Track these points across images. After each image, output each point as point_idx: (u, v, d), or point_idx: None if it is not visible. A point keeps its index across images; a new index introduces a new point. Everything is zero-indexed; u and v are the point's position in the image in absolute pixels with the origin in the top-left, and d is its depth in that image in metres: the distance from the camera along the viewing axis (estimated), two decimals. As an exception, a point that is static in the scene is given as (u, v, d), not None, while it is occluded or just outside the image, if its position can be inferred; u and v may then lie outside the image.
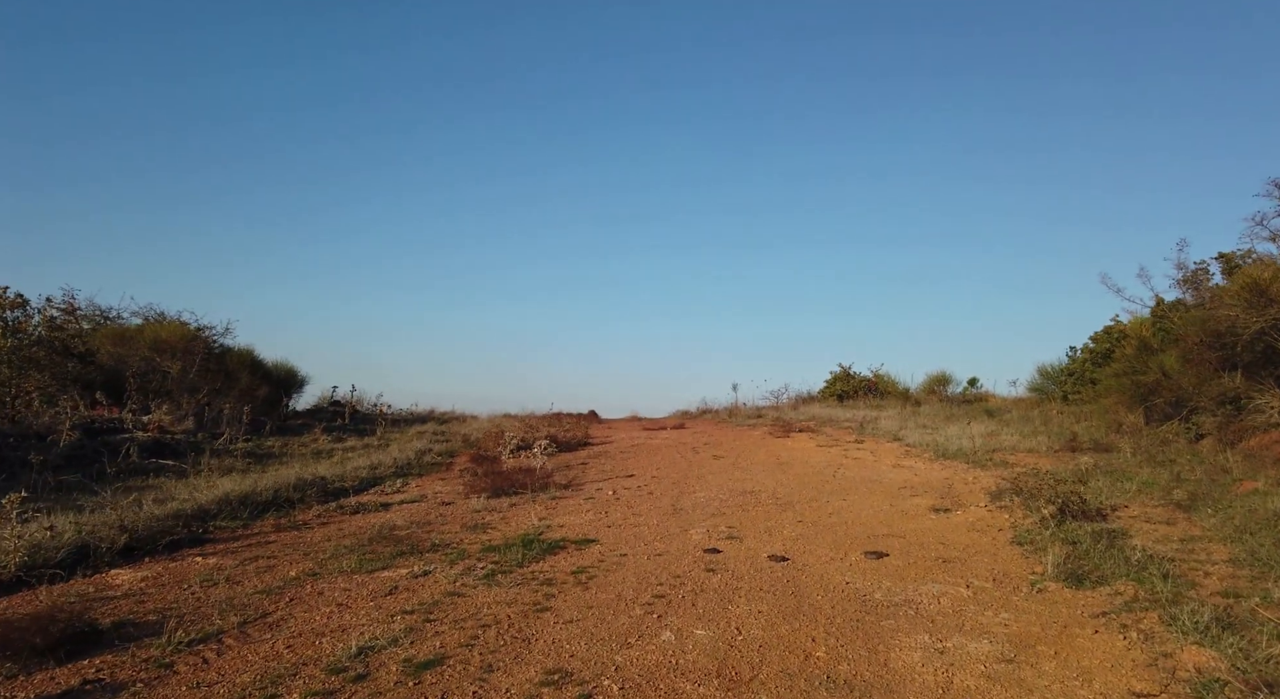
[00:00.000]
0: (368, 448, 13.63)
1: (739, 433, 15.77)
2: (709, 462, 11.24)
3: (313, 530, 6.96)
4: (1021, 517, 6.78)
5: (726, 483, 9.24)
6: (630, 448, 13.49)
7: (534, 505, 7.93)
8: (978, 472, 9.64)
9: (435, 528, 6.90)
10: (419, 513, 7.69)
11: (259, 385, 17.53)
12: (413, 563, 5.54)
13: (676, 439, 14.76)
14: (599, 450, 13.23)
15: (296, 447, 13.76)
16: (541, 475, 9.19)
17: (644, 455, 12.27)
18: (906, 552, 5.77)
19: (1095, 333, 17.96)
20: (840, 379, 23.38)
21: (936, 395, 20.35)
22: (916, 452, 11.88)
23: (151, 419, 12.78)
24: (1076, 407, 16.51)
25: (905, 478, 9.36)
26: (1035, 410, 17.07)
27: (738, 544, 6.03)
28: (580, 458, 12.22)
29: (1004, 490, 8.09)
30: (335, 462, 11.58)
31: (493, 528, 6.83)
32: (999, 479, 8.94)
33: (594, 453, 12.86)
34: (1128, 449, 10.48)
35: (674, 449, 13.05)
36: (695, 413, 23.19)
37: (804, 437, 14.45)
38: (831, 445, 12.97)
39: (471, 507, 7.85)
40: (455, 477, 10.24)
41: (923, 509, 7.42)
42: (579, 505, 7.91)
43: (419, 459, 11.80)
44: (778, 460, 11.23)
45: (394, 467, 10.93)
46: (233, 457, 11.57)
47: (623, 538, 6.32)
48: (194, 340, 15.63)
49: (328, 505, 8.05)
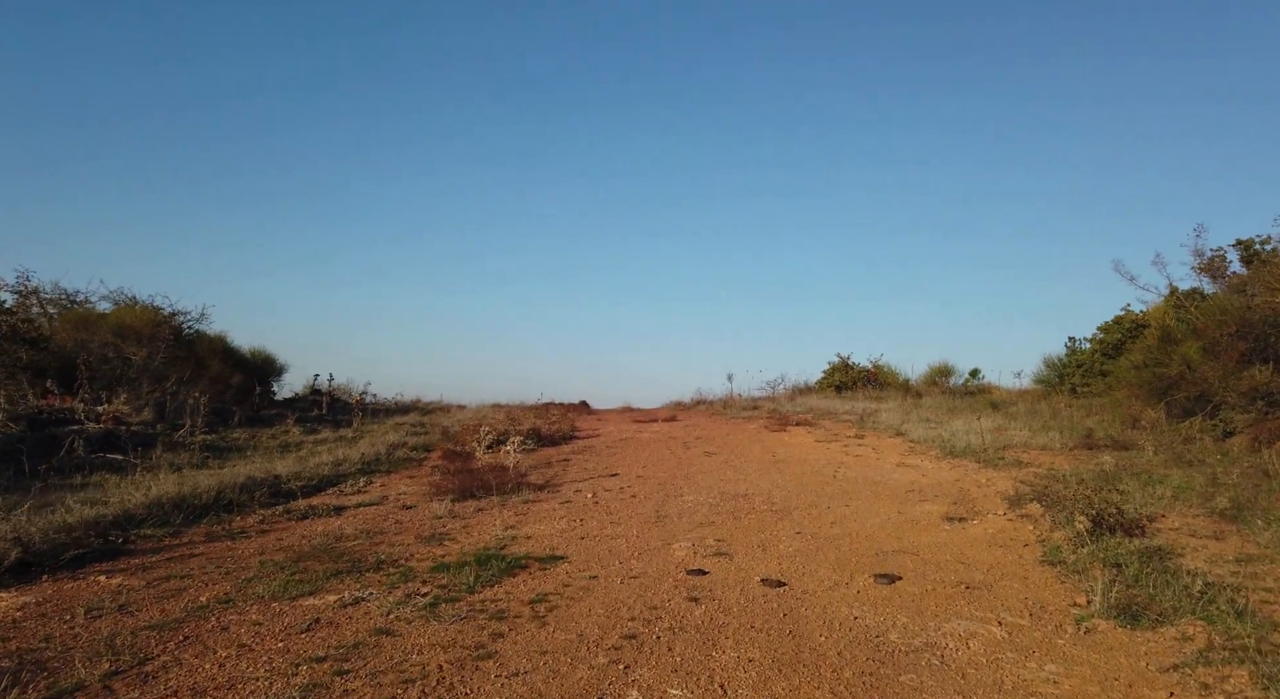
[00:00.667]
0: (340, 441, 12.80)
1: (733, 426, 14.95)
2: (700, 459, 10.42)
3: (249, 540, 6.12)
4: (1048, 529, 5.96)
5: (717, 484, 8.42)
6: (618, 442, 12.67)
7: (503, 511, 7.10)
8: (990, 472, 8.83)
9: (386, 539, 6.06)
10: (373, 519, 6.86)
11: (231, 373, 16.68)
12: (347, 586, 4.71)
13: (667, 433, 13.94)
14: (584, 445, 12.41)
15: (264, 439, 12.93)
16: (515, 475, 8.36)
17: (631, 451, 11.45)
18: (922, 573, 4.95)
19: (1104, 323, 17.15)
20: (838, 370, 22.56)
21: (938, 387, 19.55)
22: (921, 448, 11.07)
23: (106, 410, 11.93)
24: (1086, 399, 15.72)
25: (912, 479, 8.55)
26: (1042, 403, 16.29)
27: (727, 563, 5.20)
28: (563, 453, 11.40)
29: (1023, 495, 7.29)
30: (300, 456, 10.75)
31: (451, 539, 6.00)
32: (1015, 481, 8.13)
33: (578, 448, 12.04)
34: (1149, 447, 9.68)
35: (663, 444, 12.23)
36: (689, 404, 22.38)
37: (801, 431, 13.64)
38: (831, 441, 12.16)
39: (433, 512, 7.02)
40: (425, 475, 9.41)
41: (935, 518, 6.61)
42: (552, 511, 7.08)
43: (390, 454, 10.97)
44: (773, 458, 10.41)
45: (360, 463, 10.10)
46: (190, 450, 10.73)
47: (596, 554, 5.49)
48: (160, 326, 14.73)
49: (275, 509, 7.21)
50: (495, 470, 8.74)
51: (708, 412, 19.43)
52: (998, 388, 19.37)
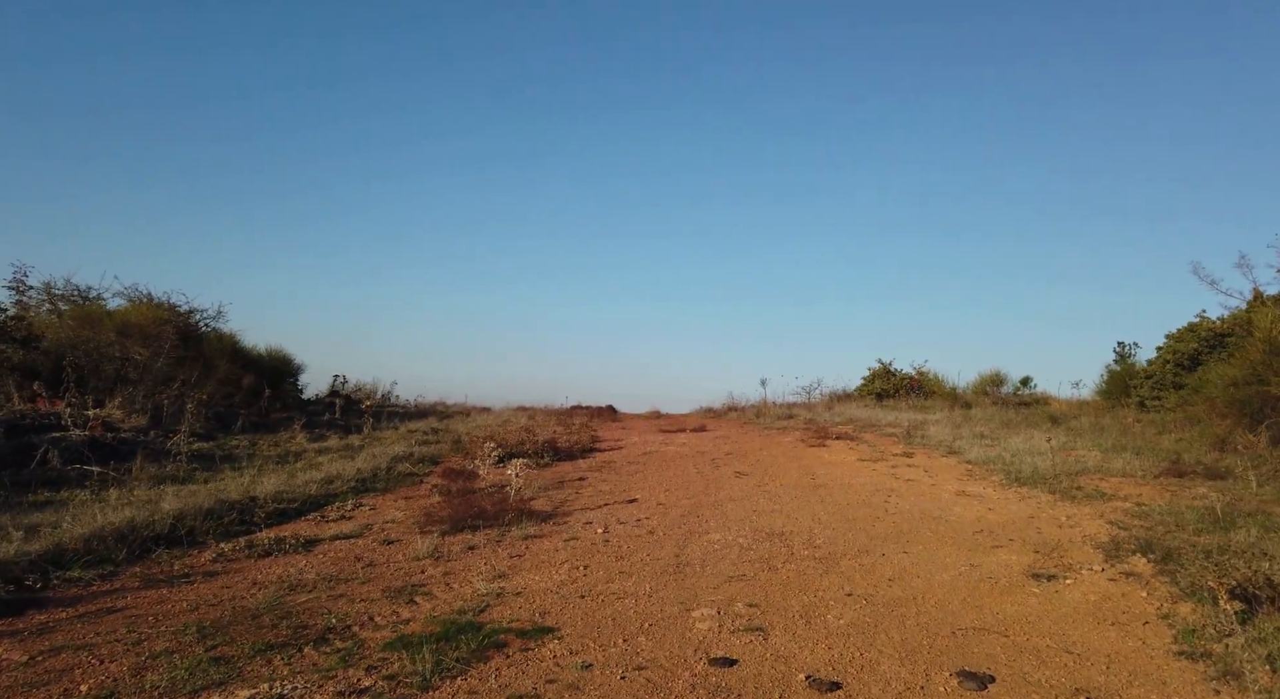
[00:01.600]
0: (346, 450, 11.87)
1: (767, 439, 13.73)
2: (729, 481, 9.24)
3: (190, 587, 5.11)
4: (1168, 597, 4.69)
5: (749, 516, 7.24)
6: (640, 457, 11.54)
7: (497, 550, 6.01)
8: (1069, 506, 7.51)
9: (350, 590, 5.00)
10: (345, 558, 5.81)
11: (242, 374, 15.91)
12: (273, 671, 3.64)
13: (695, 446, 12.77)
14: (604, 460, 11.30)
15: (265, 447, 12.05)
16: (519, 502, 7.27)
17: (654, 470, 10.31)
18: (1018, 670, 3.72)
19: (1177, 330, 15.56)
20: (879, 376, 21.16)
21: (989, 397, 18.08)
22: (981, 472, 9.75)
23: (96, 415, 11.13)
24: (1158, 415, 14.20)
25: (977, 514, 7.28)
26: (1107, 418, 14.79)
27: (761, 645, 4.02)
28: (580, 470, 10.30)
29: (1121, 543, 5.99)
30: (293, 471, 9.80)
31: (425, 593, 4.91)
32: (1104, 521, 6.83)
33: (597, 464, 10.93)
34: (1252, 478, 8.29)
35: (690, 461, 11.07)
36: (720, 410, 21.18)
37: (842, 446, 12.37)
38: (876, 459, 10.89)
39: (415, 550, 5.94)
40: (422, 496, 8.37)
41: (1017, 572, 5.36)
42: (554, 552, 5.97)
43: (390, 469, 9.96)
44: (813, 481, 9.18)
45: (355, 480, 9.10)
46: (177, 461, 9.85)
47: (596, 623, 4.36)
48: (163, 324, 13.95)
49: (239, 541, 6.21)
50: (499, 493, 7.67)
51: (739, 420, 18.21)
52: (1055, 398, 17.84)
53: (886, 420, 16.05)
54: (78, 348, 12.59)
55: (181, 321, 14.58)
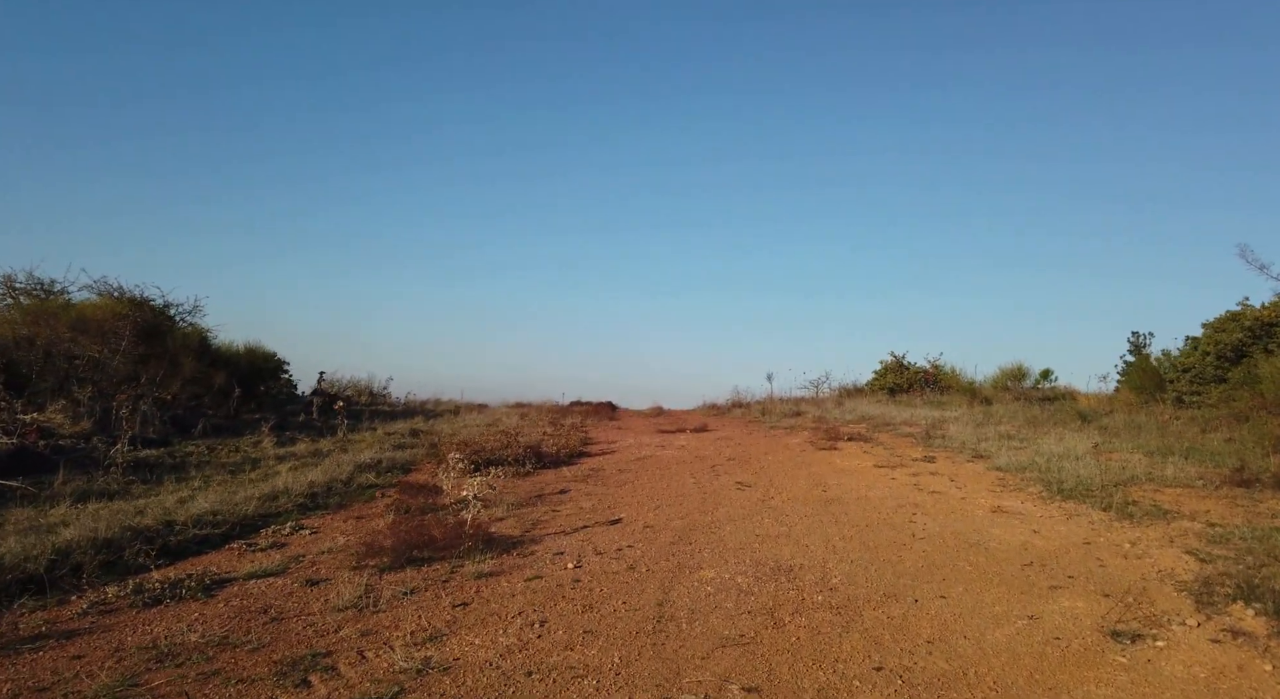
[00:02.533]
0: (314, 456, 10.75)
1: (773, 440, 12.54)
2: (730, 495, 8.05)
3: (37, 655, 3.97)
4: (1305, 675, 3.51)
5: (751, 542, 6.06)
6: (633, 464, 10.37)
7: (440, 597, 4.84)
8: (1129, 528, 6.31)
9: (231, 664, 3.84)
10: (247, 610, 4.66)
11: (213, 373, 14.79)
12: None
13: (694, 450, 11.59)
14: (592, 467, 10.13)
15: (224, 453, 10.93)
16: (479, 526, 6.10)
17: (646, 479, 9.13)
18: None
19: (1216, 319, 14.25)
20: (892, 370, 19.91)
21: (1010, 392, 16.81)
22: (1015, 480, 8.53)
23: (34, 419, 10.04)
24: (1199, 411, 12.93)
25: (1021, 538, 6.08)
26: (1140, 415, 13.53)
27: (763, 763, 2.86)
28: (563, 480, 9.13)
29: (1213, 582, 4.79)
30: (242, 482, 8.68)
31: (326, 669, 3.75)
32: (1174, 546, 5.63)
33: (584, 472, 9.76)
34: (1335, 490, 7.08)
35: (688, 468, 9.89)
36: (724, 407, 19.99)
37: (855, 449, 11.17)
38: (894, 465, 9.68)
39: (339, 597, 4.79)
40: (376, 515, 7.23)
41: (1089, 629, 4.17)
42: (509, 597, 4.80)
43: (350, 481, 8.82)
44: (824, 494, 7.99)
45: (305, 494, 7.96)
46: (113, 472, 8.74)
47: (541, 719, 3.21)
48: (121, 318, 12.84)
49: (129, 582, 5.07)
50: (461, 513, 6.50)
51: (744, 418, 17.01)
52: (1080, 393, 16.57)
53: (901, 418, 14.83)
54: (23, 345, 11.50)
55: (143, 316, 13.44)
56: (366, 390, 23.55)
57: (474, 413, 18.49)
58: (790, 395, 21.39)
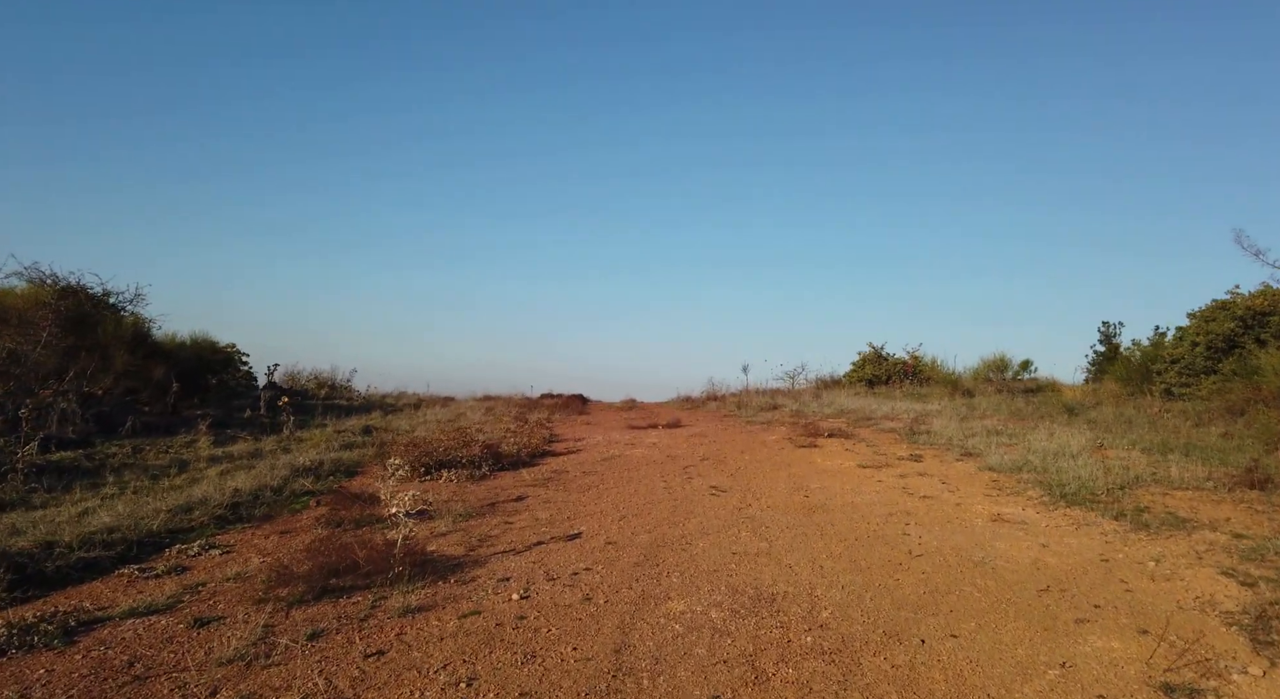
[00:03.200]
0: (252, 457, 9.79)
1: (749, 436, 11.77)
2: (704, 501, 7.25)
3: None
4: None
5: (727, 562, 5.26)
6: (600, 465, 9.52)
7: (352, 640, 3.98)
8: (1146, 540, 5.61)
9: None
10: (107, 665, 3.75)
11: (150, 365, 13.70)
12: None
13: (666, 447, 10.78)
14: (555, 468, 9.28)
15: (152, 454, 9.93)
16: (408, 550, 5.23)
17: (612, 483, 8.30)
18: None
19: (1204, 307, 13.73)
20: (870, 362, 19.26)
21: (993, 384, 16.22)
22: (1010, 482, 7.84)
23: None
24: (1188, 404, 12.39)
25: (1031, 554, 5.35)
26: (1128, 407, 12.97)
27: None
28: (521, 484, 8.27)
29: (1264, 613, 4.08)
30: (159, 490, 7.72)
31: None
32: (1204, 563, 4.93)
33: (545, 474, 8.90)
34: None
35: (658, 469, 9.07)
36: (699, 399, 19.21)
37: (836, 446, 10.44)
38: (879, 465, 8.95)
39: (225, 646, 3.90)
40: (304, 529, 6.33)
41: (1136, 682, 3.41)
42: (435, 643, 3.95)
43: (283, 487, 7.89)
44: (807, 500, 7.22)
45: (227, 504, 7.03)
46: (14, 477, 7.74)
47: None
48: (41, 306, 11.72)
49: (-22, 626, 4.14)
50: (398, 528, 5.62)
51: (719, 412, 16.24)
52: (1064, 385, 16.01)
53: (882, 412, 14.16)
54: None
55: (69, 305, 12.31)
56: (328, 383, 22.45)
57: (438, 407, 17.52)
58: (766, 387, 20.70)
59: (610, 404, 19.91)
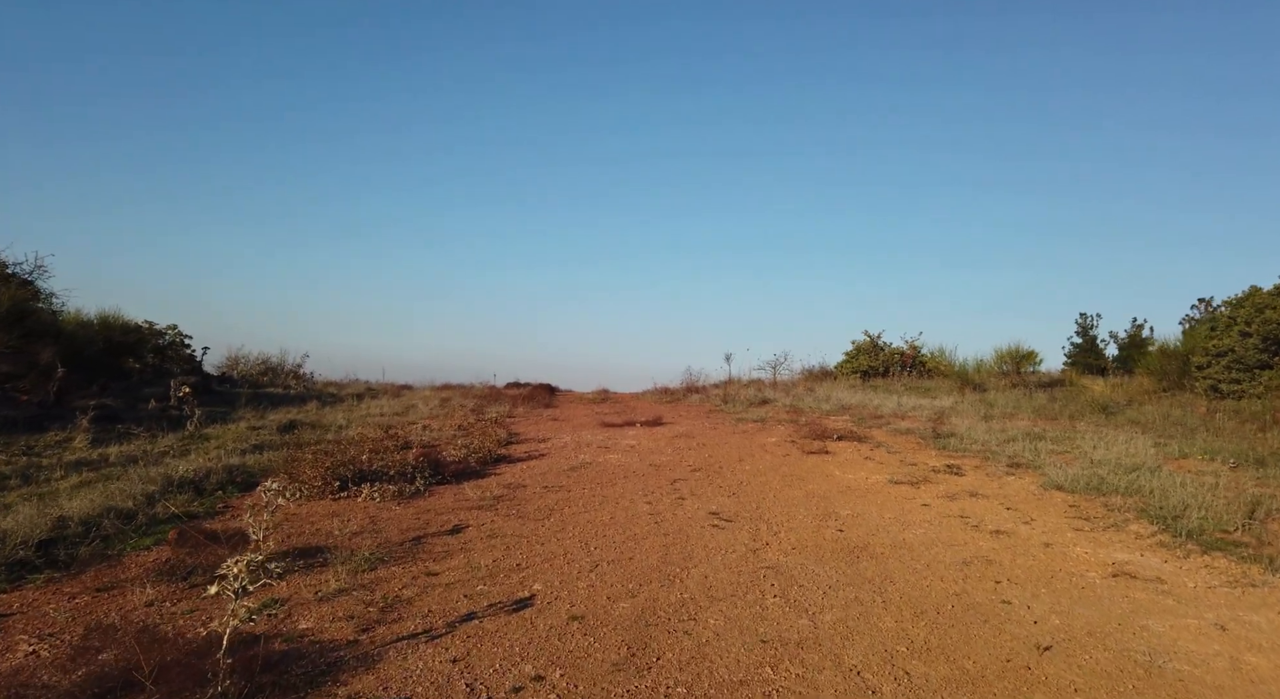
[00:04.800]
0: (132, 462, 7.65)
1: (744, 438, 9.84)
2: (703, 539, 5.29)
3: None
4: None
5: (756, 665, 3.30)
6: (565, 476, 7.51)
7: None
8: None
9: None
10: None
11: (35, 347, 11.40)
12: None
13: (648, 453, 8.80)
14: (508, 484, 7.25)
15: (0, 460, 7.73)
16: (247, 655, 3.20)
17: (580, 506, 6.29)
18: None
19: (1247, 294, 12.08)
20: (865, 351, 17.45)
21: (1007, 377, 14.46)
22: (1096, 509, 5.99)
23: None
24: (1241, 403, 10.72)
25: (1214, 647, 3.48)
26: (1169, 406, 11.28)
27: None
28: (462, 506, 6.23)
29: None
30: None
31: None
32: None
33: (493, 492, 6.86)
34: None
35: (639, 483, 7.09)
36: (678, 391, 17.26)
37: (851, 451, 8.56)
38: (915, 480, 7.08)
39: None
40: (129, 586, 4.26)
41: None
42: None
43: (135, 514, 5.78)
44: (842, 539, 5.29)
45: (38, 542, 4.91)
46: None
47: None
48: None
49: None
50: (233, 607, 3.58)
51: (702, 406, 14.30)
52: (1086, 380, 14.31)
53: (888, 408, 12.33)
54: None
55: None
56: (277, 368, 20.22)
57: (387, 398, 15.37)
58: (749, 378, 18.84)
59: (581, 396, 17.89)
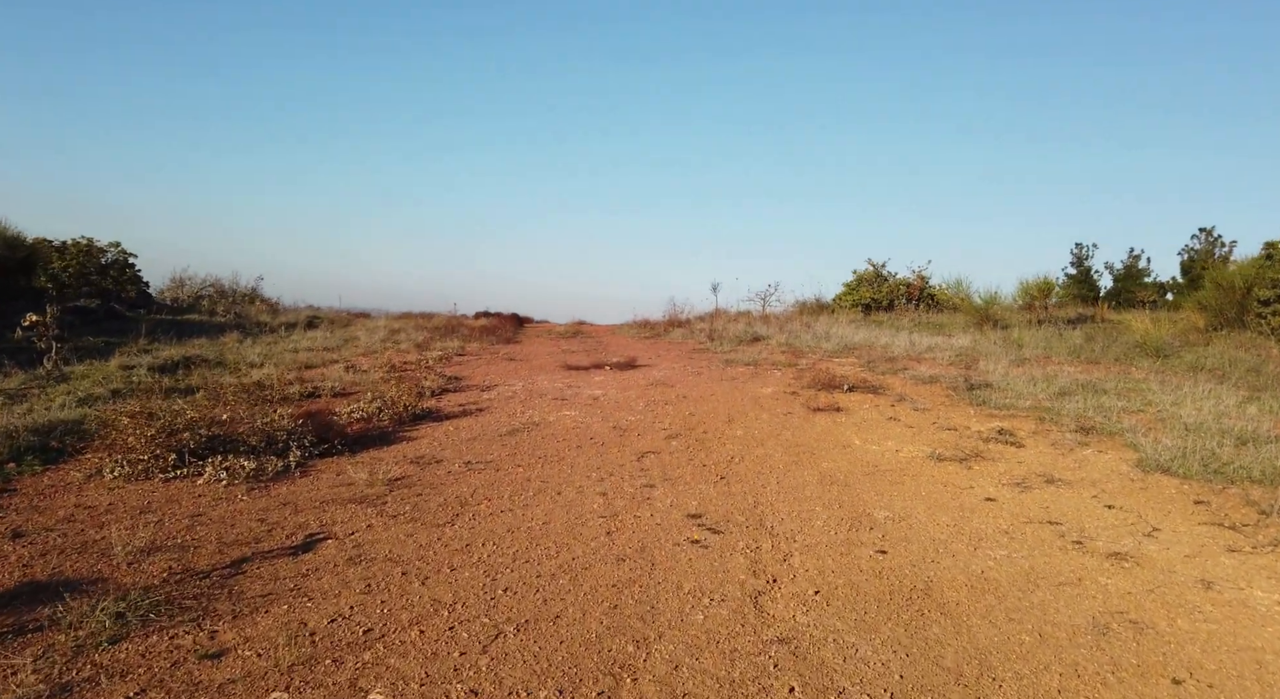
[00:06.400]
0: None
1: (735, 389, 7.91)
2: (677, 568, 3.37)
3: None
4: None
5: None
6: (498, 443, 5.56)
7: None
8: None
9: None
10: None
11: None
12: None
13: (614, 409, 6.86)
14: (415, 455, 5.27)
15: None
16: None
17: (505, 500, 4.34)
18: None
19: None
20: (868, 282, 15.44)
21: (1033, 312, 12.52)
22: (1237, 505, 4.13)
23: None
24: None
25: None
26: (1228, 347, 9.46)
27: None
28: (336, 498, 4.27)
29: None
30: None
31: None
32: None
33: (391, 469, 4.89)
34: None
35: (595, 456, 5.17)
36: (660, 324, 15.26)
37: (869, 407, 6.66)
38: (962, 456, 5.19)
39: None
40: None
41: None
42: None
43: None
44: (887, 570, 3.40)
45: None
46: None
47: None
48: None
49: None
50: None
51: (686, 344, 12.34)
52: (1125, 316, 12.41)
53: (900, 348, 10.44)
54: None
55: None
56: (229, 293, 18.07)
57: (328, 329, 13.29)
58: (738, 310, 16.89)
59: (551, 328, 15.86)
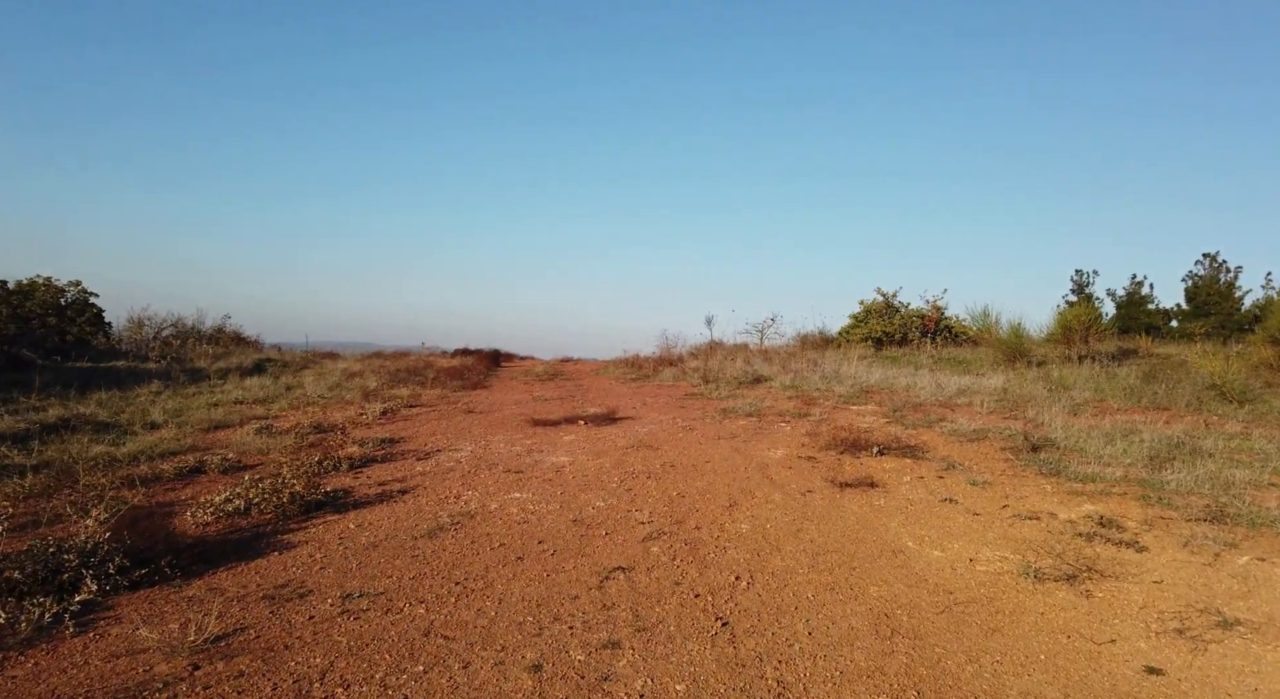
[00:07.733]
0: None
1: (735, 452, 6.21)
2: None
3: None
4: None
5: None
6: (407, 557, 3.84)
7: None
8: None
9: None
10: None
11: None
12: None
13: (579, 489, 5.16)
14: (273, 587, 3.54)
15: None
16: None
17: (383, 662, 2.65)
18: None
19: None
20: (877, 314, 13.82)
21: (1071, 346, 10.88)
22: None
23: None
24: None
25: None
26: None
27: None
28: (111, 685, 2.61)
29: None
30: None
31: None
32: None
33: (203, 635, 3.19)
34: None
35: (538, 583, 3.43)
36: (650, 362, 13.60)
37: (908, 479, 4.98)
38: (1070, 571, 3.47)
39: None
40: None
41: None
42: None
43: None
44: None
45: None
46: None
47: None
48: None
49: None
50: None
51: (677, 387, 10.66)
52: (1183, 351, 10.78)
53: (925, 390, 8.80)
54: None
55: None
56: (195, 332, 16.49)
57: (274, 375, 11.61)
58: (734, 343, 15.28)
59: (530, 368, 14.18)
